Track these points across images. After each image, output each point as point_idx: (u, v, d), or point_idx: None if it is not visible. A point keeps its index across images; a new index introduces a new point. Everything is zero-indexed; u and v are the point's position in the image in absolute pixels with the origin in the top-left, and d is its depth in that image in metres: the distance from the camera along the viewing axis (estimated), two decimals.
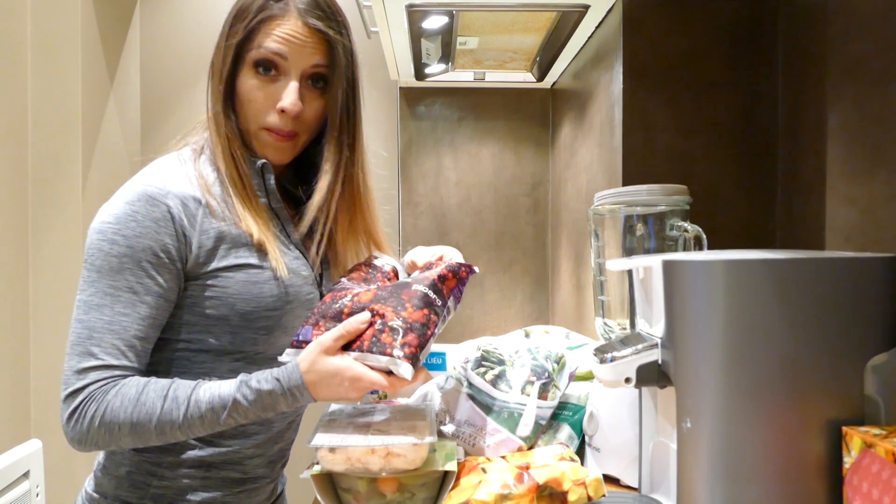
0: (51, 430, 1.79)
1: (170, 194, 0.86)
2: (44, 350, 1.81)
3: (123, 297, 0.84)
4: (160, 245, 0.85)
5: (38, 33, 1.79)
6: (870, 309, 0.78)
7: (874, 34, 1.05)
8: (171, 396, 0.84)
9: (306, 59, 0.91)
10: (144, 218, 0.85)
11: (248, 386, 0.85)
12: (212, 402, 0.84)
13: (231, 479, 0.95)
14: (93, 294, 0.84)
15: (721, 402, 0.79)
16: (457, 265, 0.95)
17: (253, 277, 0.89)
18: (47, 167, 1.79)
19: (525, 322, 2.37)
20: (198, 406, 0.84)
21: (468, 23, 1.64)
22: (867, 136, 1.06)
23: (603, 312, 1.26)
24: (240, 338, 0.90)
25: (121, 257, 0.84)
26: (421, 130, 2.37)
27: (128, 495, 0.91)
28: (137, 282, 0.84)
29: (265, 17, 0.90)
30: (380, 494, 0.91)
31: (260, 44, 0.90)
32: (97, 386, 0.83)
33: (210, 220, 0.89)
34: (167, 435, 0.84)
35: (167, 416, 0.83)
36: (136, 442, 0.84)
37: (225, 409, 0.84)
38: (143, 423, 0.83)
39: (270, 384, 0.85)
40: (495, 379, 1.12)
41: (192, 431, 0.85)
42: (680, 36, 1.38)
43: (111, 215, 0.85)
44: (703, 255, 0.89)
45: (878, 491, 0.69)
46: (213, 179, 0.92)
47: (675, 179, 1.32)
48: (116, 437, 0.83)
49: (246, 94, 0.91)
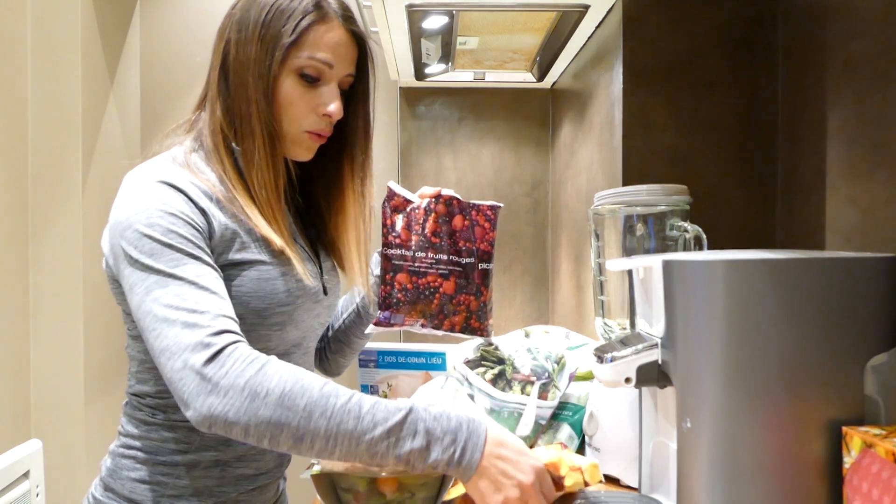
0: (51, 430, 1.79)
1: (185, 182, 0.84)
2: (44, 350, 1.81)
3: (191, 267, 0.78)
4: (194, 224, 0.82)
5: (38, 33, 1.79)
6: (870, 309, 0.78)
7: (874, 34, 1.05)
8: (332, 386, 0.75)
9: (346, 68, 0.93)
10: (174, 202, 0.81)
11: (429, 413, 0.75)
12: (387, 412, 0.74)
13: (245, 476, 0.94)
14: (157, 281, 0.77)
15: (721, 402, 0.79)
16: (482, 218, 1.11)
17: (265, 274, 0.88)
18: (47, 167, 1.79)
19: (525, 322, 2.37)
20: (361, 407, 0.73)
21: (468, 23, 1.64)
22: (867, 136, 1.06)
23: (603, 312, 1.26)
24: (254, 335, 0.88)
25: (167, 234, 0.79)
26: (421, 130, 2.37)
27: (142, 498, 0.89)
28: (194, 249, 0.80)
29: (312, 22, 0.89)
30: (380, 494, 0.91)
31: (308, 52, 0.89)
32: (238, 342, 0.74)
33: (222, 214, 0.87)
34: (311, 424, 0.72)
35: (323, 400, 0.72)
36: (275, 417, 0.71)
37: (402, 427, 0.73)
38: (294, 396, 0.71)
39: (452, 424, 0.76)
40: (495, 378, 1.12)
41: (337, 434, 0.72)
42: (680, 36, 1.38)
43: (139, 207, 0.80)
44: (703, 255, 0.89)
45: (878, 491, 0.69)
46: (216, 178, 0.90)
47: (675, 179, 1.32)
48: (254, 406, 0.71)
49: (287, 97, 0.90)
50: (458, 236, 1.08)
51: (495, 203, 1.11)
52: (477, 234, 1.09)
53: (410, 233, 1.08)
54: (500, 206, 1.11)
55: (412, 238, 1.07)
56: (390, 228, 1.08)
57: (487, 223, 1.10)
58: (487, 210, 1.10)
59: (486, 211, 1.10)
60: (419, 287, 1.07)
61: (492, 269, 1.11)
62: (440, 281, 1.07)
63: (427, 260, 1.07)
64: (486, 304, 1.11)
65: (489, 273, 1.11)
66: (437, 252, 1.07)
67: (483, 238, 1.10)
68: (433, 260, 1.07)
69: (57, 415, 1.79)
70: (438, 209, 1.08)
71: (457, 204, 1.09)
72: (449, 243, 1.08)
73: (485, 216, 1.10)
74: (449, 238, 1.08)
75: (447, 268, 1.08)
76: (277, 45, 0.88)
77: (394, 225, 1.08)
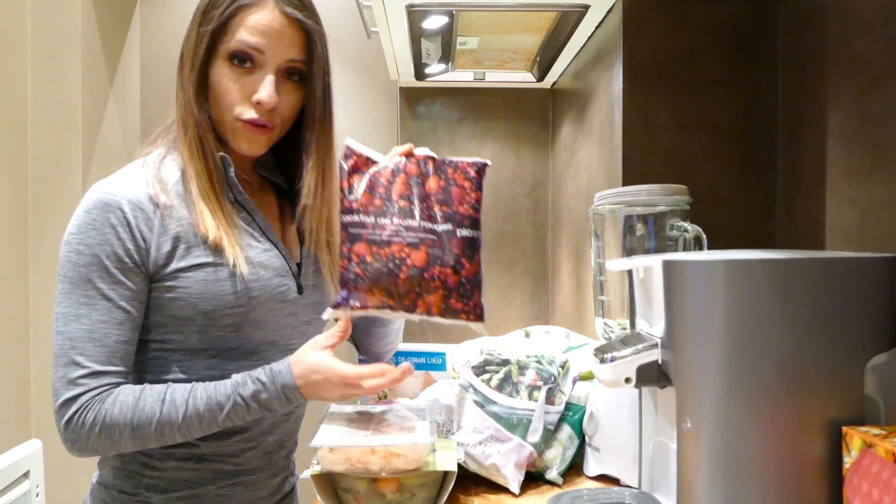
0: (51, 430, 1.78)
1: (123, 199, 0.86)
2: (44, 350, 1.80)
3: (99, 304, 0.85)
4: (123, 249, 0.86)
5: (38, 33, 1.79)
6: (870, 309, 0.78)
7: (874, 34, 1.05)
8: (168, 399, 0.85)
9: (283, 54, 0.90)
10: (103, 224, 0.86)
11: (244, 386, 0.87)
12: (209, 403, 0.86)
13: (223, 471, 0.94)
14: (69, 305, 0.85)
15: (721, 402, 0.79)
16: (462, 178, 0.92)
17: (211, 276, 0.88)
18: (47, 167, 1.79)
19: (525, 322, 2.37)
20: (196, 408, 0.86)
21: (468, 23, 1.64)
22: (867, 136, 1.06)
23: (603, 312, 1.26)
24: (209, 336, 0.90)
25: (88, 266, 0.85)
26: (421, 130, 2.37)
27: (123, 484, 0.93)
28: (109, 288, 0.86)
29: (241, 5, 0.88)
30: (380, 494, 0.91)
31: (235, 36, 0.88)
32: (92, 395, 0.84)
33: (167, 222, 0.88)
34: (167, 437, 0.86)
35: (166, 418, 0.85)
36: (137, 445, 0.86)
37: (223, 410, 0.86)
38: (142, 426, 0.85)
39: (261, 385, 0.87)
40: (501, 383, 1.11)
41: (190, 433, 0.87)
42: (680, 36, 1.38)
43: (74, 225, 0.87)
44: (703, 255, 0.89)
45: (878, 491, 0.69)
46: (176, 180, 0.91)
47: (675, 179, 1.32)
48: (117, 442, 0.85)
49: (220, 85, 0.90)
50: (431, 200, 0.90)
51: (479, 160, 0.93)
52: (454, 195, 0.90)
53: (373, 196, 0.90)
54: (485, 162, 0.93)
55: (375, 202, 0.90)
56: (347, 192, 0.91)
57: (468, 182, 0.91)
58: (468, 167, 0.91)
59: (465, 168, 0.91)
60: (381, 259, 0.88)
61: (478, 238, 0.90)
62: (408, 251, 0.88)
63: (392, 227, 0.88)
64: (472, 279, 0.89)
65: (474, 242, 0.90)
66: (406, 217, 0.89)
67: (462, 200, 0.90)
68: (399, 226, 0.88)
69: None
70: (409, 169, 0.91)
71: (432, 163, 0.92)
72: (422, 208, 0.89)
73: (464, 174, 0.91)
74: (422, 202, 0.89)
75: (417, 235, 0.88)
76: (207, 32, 0.88)
77: (352, 187, 0.91)
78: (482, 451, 1.07)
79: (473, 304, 0.89)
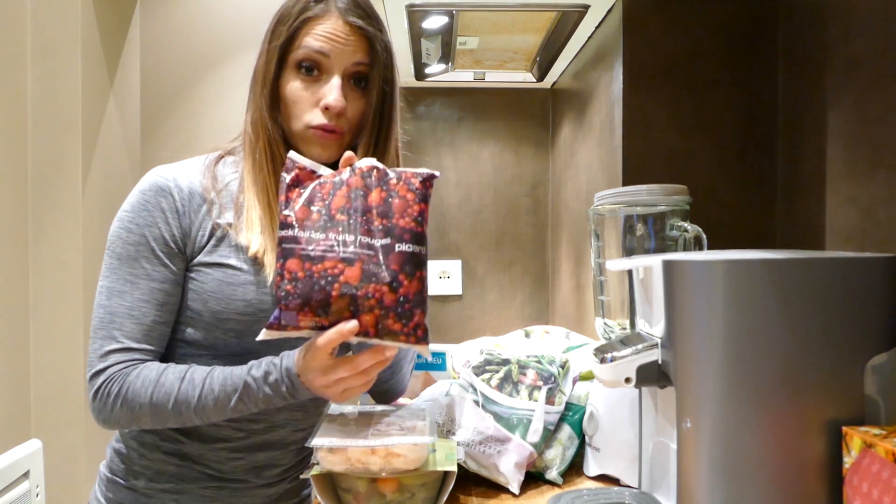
0: (51, 430, 1.79)
1: (177, 186, 0.91)
2: (44, 350, 1.81)
3: (142, 284, 0.89)
4: (170, 234, 0.90)
5: (38, 33, 1.79)
6: (870, 309, 0.78)
7: (874, 34, 1.05)
8: (188, 378, 0.87)
9: (348, 57, 0.93)
10: (154, 207, 0.90)
11: (257, 368, 0.88)
12: (224, 384, 0.87)
13: (207, 474, 0.95)
14: (115, 280, 0.89)
15: (721, 402, 0.79)
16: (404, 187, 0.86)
17: (228, 278, 0.90)
18: (47, 167, 1.79)
19: (525, 322, 2.37)
20: (211, 388, 0.87)
21: (468, 23, 1.65)
22: (867, 136, 1.06)
23: (603, 312, 1.26)
24: (212, 336, 0.91)
25: (137, 245, 0.89)
26: (421, 130, 2.37)
27: (117, 469, 0.96)
28: (154, 269, 0.89)
29: (307, 18, 0.91)
30: (380, 494, 0.91)
31: (302, 44, 0.91)
32: (119, 368, 0.87)
33: (209, 217, 0.91)
34: (183, 416, 0.88)
35: (183, 396, 0.87)
36: (156, 422, 0.88)
37: (236, 392, 0.87)
38: (161, 403, 0.87)
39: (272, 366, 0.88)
40: (501, 383, 1.12)
41: (205, 414, 0.88)
42: (680, 36, 1.38)
43: (128, 203, 0.91)
44: (703, 255, 0.89)
45: (878, 491, 0.69)
46: (230, 181, 0.94)
47: (675, 179, 1.32)
48: (137, 416, 0.87)
49: (290, 95, 0.93)
50: (372, 213, 0.84)
51: (426, 171, 0.87)
52: (396, 207, 0.84)
53: (310, 210, 0.85)
54: (432, 173, 0.87)
55: (312, 216, 0.85)
56: (283, 206, 0.86)
57: (411, 193, 0.84)
58: (412, 178, 0.85)
59: (409, 179, 0.85)
60: (313, 275, 0.82)
61: (421, 254, 0.83)
62: (342, 267, 0.82)
63: (327, 242, 0.83)
64: (411, 298, 0.82)
65: (415, 258, 0.83)
66: (343, 232, 0.83)
67: (404, 212, 0.84)
68: (335, 241, 0.83)
69: (57, 415, 1.79)
70: (351, 181, 0.85)
71: (376, 174, 0.85)
72: (361, 221, 0.83)
73: (408, 186, 0.85)
74: (362, 216, 0.84)
75: (353, 251, 0.82)
76: (276, 47, 0.92)
77: (289, 201, 0.86)
78: (482, 450, 1.07)
79: (414, 325, 0.83)
